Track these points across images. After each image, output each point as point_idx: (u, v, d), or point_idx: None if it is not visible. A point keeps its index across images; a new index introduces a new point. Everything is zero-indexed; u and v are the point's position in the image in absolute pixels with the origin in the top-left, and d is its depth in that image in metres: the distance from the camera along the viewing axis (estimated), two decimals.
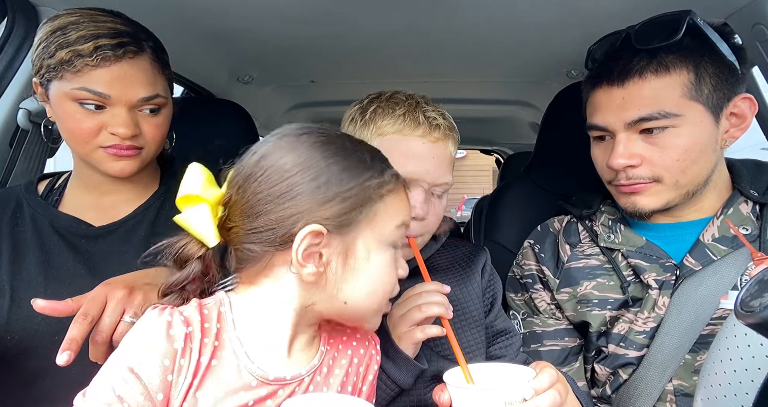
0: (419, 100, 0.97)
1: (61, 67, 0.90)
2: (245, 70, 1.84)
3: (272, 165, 0.64)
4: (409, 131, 0.92)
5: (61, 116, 0.95)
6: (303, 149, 0.65)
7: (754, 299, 0.58)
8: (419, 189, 0.91)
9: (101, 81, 0.91)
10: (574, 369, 1.10)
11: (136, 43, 0.94)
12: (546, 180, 1.43)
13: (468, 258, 1.08)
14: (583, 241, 1.14)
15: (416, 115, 0.93)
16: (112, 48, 0.91)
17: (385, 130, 0.93)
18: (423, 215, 0.91)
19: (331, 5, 1.23)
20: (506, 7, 1.25)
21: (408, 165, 0.89)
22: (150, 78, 0.96)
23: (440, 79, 2.01)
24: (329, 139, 0.67)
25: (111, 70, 0.91)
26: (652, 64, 0.94)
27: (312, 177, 0.63)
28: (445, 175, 0.95)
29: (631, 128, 0.96)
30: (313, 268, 0.63)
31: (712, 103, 0.94)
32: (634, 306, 1.03)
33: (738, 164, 1.07)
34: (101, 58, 0.90)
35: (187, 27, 1.36)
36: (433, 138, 0.93)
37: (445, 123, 0.96)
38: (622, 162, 0.97)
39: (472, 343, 1.01)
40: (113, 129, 0.93)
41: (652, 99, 0.94)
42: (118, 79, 0.92)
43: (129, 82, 0.93)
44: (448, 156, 0.96)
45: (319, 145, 0.65)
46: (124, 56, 0.92)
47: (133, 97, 0.94)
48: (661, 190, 0.98)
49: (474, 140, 3.72)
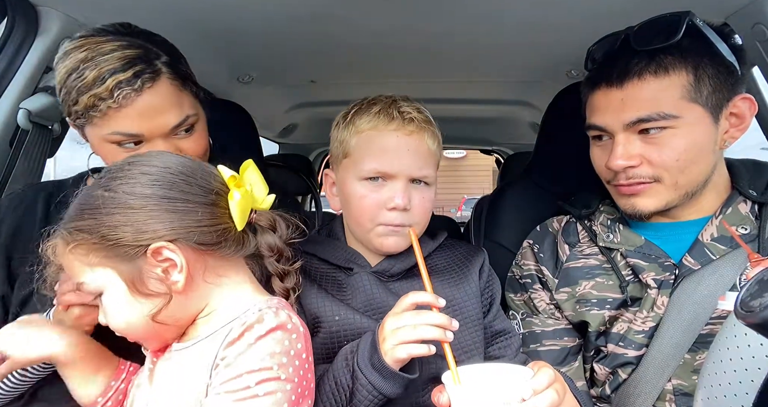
0: (396, 99, 1.00)
1: (87, 114, 0.88)
2: (245, 70, 1.84)
3: None
4: (383, 126, 0.95)
5: (103, 155, 0.95)
6: None
7: (754, 299, 0.58)
8: (398, 180, 0.95)
9: (129, 121, 0.89)
10: (573, 368, 1.10)
11: (149, 68, 0.90)
12: (546, 180, 1.43)
13: (465, 259, 1.09)
14: (582, 241, 1.14)
15: (390, 110, 0.96)
16: (129, 82, 0.87)
17: (361, 127, 0.97)
18: (404, 204, 0.94)
19: (332, 5, 1.23)
20: (506, 7, 1.26)
21: (383, 161, 0.94)
22: (175, 101, 0.93)
23: (440, 79, 2.01)
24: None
25: (135, 108, 0.89)
26: (651, 65, 0.94)
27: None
28: (424, 168, 0.97)
29: (630, 128, 0.96)
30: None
31: (711, 104, 0.94)
32: (633, 306, 1.03)
33: (737, 163, 1.07)
34: (122, 97, 0.87)
35: (187, 27, 1.36)
36: (407, 131, 0.95)
37: (420, 116, 0.97)
38: (621, 163, 0.97)
39: (470, 343, 1.01)
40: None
41: (651, 100, 0.94)
42: (144, 115, 0.90)
43: (156, 114, 0.91)
44: (425, 149, 0.98)
45: None
46: (143, 88, 0.88)
47: (165, 127, 0.92)
48: (661, 191, 0.98)
49: (474, 140, 3.72)
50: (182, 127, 0.94)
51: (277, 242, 0.80)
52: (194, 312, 0.75)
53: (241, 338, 0.67)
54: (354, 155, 0.98)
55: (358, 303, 0.99)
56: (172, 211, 0.70)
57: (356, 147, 0.97)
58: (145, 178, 0.71)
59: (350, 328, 0.95)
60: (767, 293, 0.57)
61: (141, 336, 0.74)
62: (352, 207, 0.99)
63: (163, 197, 0.70)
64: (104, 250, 0.69)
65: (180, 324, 0.75)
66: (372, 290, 0.99)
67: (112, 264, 0.69)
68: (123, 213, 0.68)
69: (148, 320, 0.70)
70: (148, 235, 0.68)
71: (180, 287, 0.71)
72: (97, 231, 0.68)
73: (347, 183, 0.99)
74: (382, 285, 1.01)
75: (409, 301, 0.82)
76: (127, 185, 0.70)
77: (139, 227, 0.68)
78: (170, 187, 0.71)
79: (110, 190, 0.70)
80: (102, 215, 0.69)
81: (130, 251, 0.68)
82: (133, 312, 0.71)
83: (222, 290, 0.75)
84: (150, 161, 0.73)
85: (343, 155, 1.00)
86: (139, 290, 0.70)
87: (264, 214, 0.80)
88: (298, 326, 0.73)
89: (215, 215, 0.73)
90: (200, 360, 0.70)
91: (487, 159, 9.00)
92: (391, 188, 0.95)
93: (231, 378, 0.65)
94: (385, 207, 0.95)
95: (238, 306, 0.74)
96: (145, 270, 0.69)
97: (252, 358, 0.66)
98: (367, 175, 0.96)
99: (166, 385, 0.74)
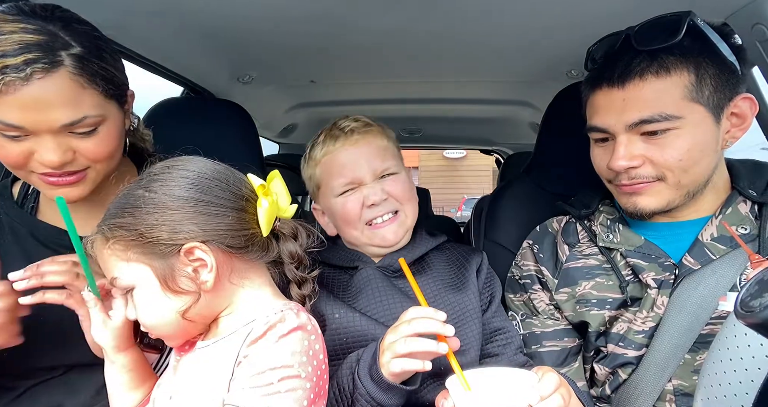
0: (337, 120, 1.11)
1: None
2: (245, 70, 1.84)
3: None
4: (332, 147, 1.06)
5: None
6: None
7: (754, 299, 0.58)
8: (366, 181, 1.05)
9: (10, 111, 0.78)
10: (573, 369, 1.10)
11: (47, 58, 0.78)
12: (546, 180, 1.43)
13: (464, 260, 1.13)
14: (582, 241, 1.14)
15: (332, 132, 1.08)
16: (17, 69, 0.76)
17: (318, 158, 1.09)
18: (379, 197, 1.04)
19: (331, 5, 1.22)
20: (506, 7, 1.25)
21: (346, 174, 1.05)
22: (71, 98, 0.81)
23: (440, 79, 2.01)
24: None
25: (18, 98, 0.77)
26: (652, 65, 0.93)
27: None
28: (383, 162, 1.06)
29: (632, 130, 0.96)
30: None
31: (713, 104, 0.94)
32: (633, 306, 1.03)
33: (737, 164, 1.07)
34: (3, 83, 0.76)
35: (187, 27, 1.36)
36: (352, 141, 1.06)
37: (358, 124, 1.08)
38: (623, 164, 0.97)
39: (467, 341, 1.02)
40: (41, 158, 0.83)
41: (652, 101, 0.93)
42: (28, 108, 0.79)
43: (44, 108, 0.79)
44: (377, 147, 1.07)
45: None
46: (31, 78, 0.77)
47: (53, 124, 0.81)
48: (663, 190, 0.98)
49: (474, 140, 3.72)
50: (77, 127, 0.83)
51: (297, 250, 0.83)
52: (218, 310, 0.78)
53: (264, 336, 0.71)
54: (323, 182, 1.09)
55: (363, 301, 1.02)
56: (206, 214, 0.74)
57: (322, 175, 1.09)
58: (183, 181, 0.75)
59: (350, 326, 0.97)
60: (767, 293, 0.57)
61: (167, 332, 0.77)
62: (340, 217, 1.08)
63: (198, 200, 0.74)
64: (141, 247, 0.73)
65: (205, 321, 0.78)
66: (378, 284, 1.04)
67: (147, 261, 0.73)
68: (161, 213, 0.73)
69: (177, 316, 0.74)
70: (182, 235, 0.72)
71: (209, 287, 0.74)
72: (136, 229, 0.72)
73: (330, 204, 1.09)
74: (387, 280, 1.05)
75: (408, 317, 0.82)
76: (167, 187, 0.74)
77: (175, 227, 0.72)
78: (205, 191, 0.75)
79: (150, 191, 0.74)
80: (142, 213, 0.73)
81: (165, 249, 0.72)
82: (163, 308, 0.74)
83: (245, 292, 0.79)
84: (187, 165, 0.78)
85: (317, 187, 1.12)
86: (170, 288, 0.73)
87: (287, 223, 0.84)
88: (317, 328, 0.76)
89: (244, 221, 0.77)
90: (223, 357, 0.73)
91: (487, 159, 9.00)
92: (362, 190, 1.05)
93: (255, 374, 0.69)
94: (366, 206, 1.05)
95: (258, 307, 0.77)
96: (177, 268, 0.73)
97: (275, 356, 0.70)
98: (339, 191, 1.06)
99: (190, 379, 0.77)
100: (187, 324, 0.76)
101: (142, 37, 1.39)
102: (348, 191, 1.06)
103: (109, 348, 0.81)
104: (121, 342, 0.81)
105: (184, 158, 0.81)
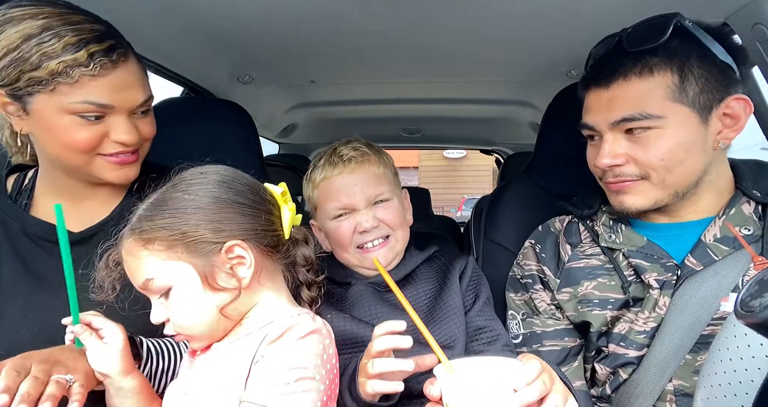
0: (336, 146, 1.15)
1: (52, 80, 0.84)
2: (245, 70, 1.84)
3: None
4: (330, 173, 1.11)
5: (54, 129, 0.88)
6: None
7: (754, 299, 0.58)
8: (359, 207, 1.09)
9: (103, 91, 0.87)
10: (573, 368, 1.10)
11: (121, 45, 0.89)
12: (546, 180, 1.43)
13: (449, 264, 1.18)
14: (584, 241, 1.14)
15: (332, 159, 1.12)
16: (106, 54, 0.86)
17: (316, 181, 1.13)
18: (371, 225, 1.08)
19: (332, 5, 1.23)
20: (506, 7, 1.26)
21: (340, 199, 1.09)
22: (143, 80, 0.94)
23: (440, 79, 2.01)
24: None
25: (110, 79, 0.87)
26: (636, 66, 0.95)
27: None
28: (377, 188, 1.11)
29: (616, 128, 0.98)
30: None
31: (699, 104, 0.95)
32: (635, 306, 1.03)
33: (740, 164, 1.07)
34: (100, 66, 0.85)
35: (187, 27, 1.36)
36: (349, 169, 1.10)
37: (357, 153, 1.12)
38: (606, 162, 0.99)
39: (455, 333, 1.07)
40: (118, 138, 0.91)
41: (635, 101, 0.95)
42: (119, 88, 0.89)
43: (129, 88, 0.90)
44: (372, 175, 1.12)
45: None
46: (119, 61, 0.88)
47: (134, 103, 0.92)
48: (648, 188, 0.99)
49: (474, 140, 3.72)
50: (144, 106, 0.95)
51: (311, 254, 0.89)
52: (248, 309, 0.81)
53: (281, 337, 0.74)
54: (320, 204, 1.14)
55: (357, 313, 1.08)
56: (243, 214, 0.79)
57: (318, 197, 1.14)
58: (219, 185, 0.81)
59: (342, 328, 1.03)
60: (767, 293, 0.57)
61: (200, 331, 0.79)
62: (334, 239, 1.13)
63: (236, 202, 0.80)
64: (183, 245, 0.76)
65: (238, 318, 0.81)
66: (369, 299, 1.10)
67: (188, 259, 0.76)
68: (204, 213, 0.77)
69: (215, 312, 0.77)
70: (225, 233, 0.77)
71: (246, 283, 0.78)
72: (179, 228, 0.76)
73: (325, 226, 1.14)
74: (378, 295, 1.11)
75: (374, 335, 0.85)
76: (206, 189, 0.80)
77: (218, 226, 0.77)
78: (240, 194, 0.81)
79: (190, 193, 0.79)
80: (185, 214, 0.77)
81: (208, 247, 0.76)
82: (202, 304, 0.77)
83: (267, 294, 0.83)
84: (219, 171, 0.83)
85: (314, 208, 1.17)
86: (210, 284, 0.77)
87: (299, 229, 0.89)
88: (330, 333, 0.80)
89: (272, 223, 0.83)
90: (240, 356, 0.76)
91: (487, 159, 9.00)
92: (354, 216, 1.10)
93: (272, 374, 0.72)
94: (357, 231, 1.09)
95: (274, 309, 0.81)
96: (218, 266, 0.77)
97: (292, 357, 0.73)
98: (333, 214, 1.11)
99: (206, 377, 0.79)
100: (221, 322, 0.78)
101: (143, 37, 1.38)
102: (341, 216, 1.11)
103: (115, 373, 0.80)
104: (127, 364, 0.81)
105: (210, 166, 0.86)
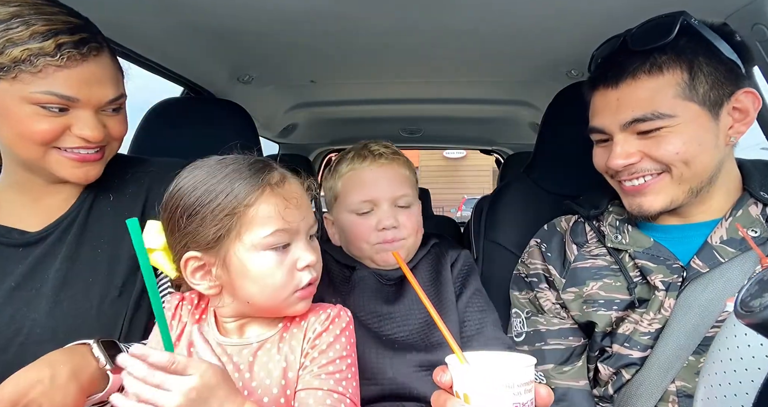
0: (367, 142, 1.18)
1: (14, 67, 0.81)
2: (245, 70, 1.84)
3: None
4: (359, 165, 1.13)
5: (12, 118, 0.85)
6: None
7: (754, 299, 0.58)
8: (382, 205, 1.11)
9: (68, 83, 0.84)
10: (576, 367, 1.10)
11: (95, 40, 0.87)
12: (546, 180, 1.43)
13: (442, 255, 1.21)
14: (590, 241, 1.14)
15: (362, 152, 1.15)
16: (75, 46, 0.83)
17: (342, 171, 1.15)
18: (392, 223, 1.10)
19: (332, 5, 1.22)
20: (506, 7, 1.25)
21: (366, 190, 1.11)
22: (115, 77, 0.91)
23: (440, 79, 2.01)
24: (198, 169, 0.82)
25: (78, 72, 0.84)
26: (645, 65, 0.94)
27: (182, 214, 0.77)
28: (401, 189, 1.13)
29: (627, 129, 0.97)
30: (207, 283, 0.80)
31: (709, 101, 0.94)
32: (640, 307, 1.03)
33: (748, 164, 1.06)
34: (67, 57, 0.82)
35: (187, 27, 1.36)
36: (378, 164, 1.13)
37: (388, 151, 1.15)
38: (620, 163, 0.98)
39: (451, 328, 1.06)
40: (80, 132, 0.88)
41: (645, 100, 0.94)
42: (87, 82, 0.86)
43: (98, 83, 0.87)
44: (399, 174, 1.14)
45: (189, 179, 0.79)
46: (89, 55, 0.85)
47: (103, 98, 0.89)
48: (667, 185, 0.98)
49: (474, 140, 3.71)
50: (114, 104, 0.92)
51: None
52: None
53: (328, 330, 0.83)
54: (342, 195, 1.15)
55: (355, 296, 1.12)
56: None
57: (342, 188, 1.15)
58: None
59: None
60: (767, 293, 0.57)
61: (271, 303, 0.81)
62: (350, 234, 1.14)
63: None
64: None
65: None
66: (370, 285, 1.13)
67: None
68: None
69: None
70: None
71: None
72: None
73: (343, 219, 1.15)
74: (378, 284, 1.13)
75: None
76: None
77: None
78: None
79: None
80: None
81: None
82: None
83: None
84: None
85: (334, 198, 1.18)
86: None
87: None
88: (351, 317, 0.89)
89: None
90: (287, 351, 0.82)
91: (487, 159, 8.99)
92: (378, 213, 1.11)
93: (328, 362, 0.81)
94: (377, 229, 1.10)
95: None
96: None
97: (339, 346, 0.83)
98: (356, 206, 1.12)
99: (257, 375, 0.83)
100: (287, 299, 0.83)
101: (142, 36, 1.39)
102: (364, 214, 1.11)
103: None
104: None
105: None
